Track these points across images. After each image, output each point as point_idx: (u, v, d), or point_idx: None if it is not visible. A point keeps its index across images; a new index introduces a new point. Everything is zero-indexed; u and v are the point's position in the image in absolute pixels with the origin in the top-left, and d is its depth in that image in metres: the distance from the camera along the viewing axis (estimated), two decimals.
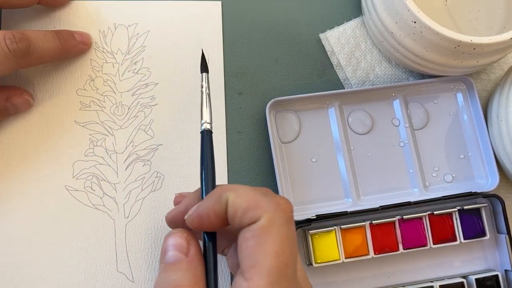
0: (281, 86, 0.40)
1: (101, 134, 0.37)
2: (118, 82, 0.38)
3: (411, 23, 0.34)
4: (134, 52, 0.38)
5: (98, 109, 0.37)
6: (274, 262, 0.23)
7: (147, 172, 0.37)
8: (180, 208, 0.29)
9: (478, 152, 0.39)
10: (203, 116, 0.31)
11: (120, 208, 0.36)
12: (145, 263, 0.35)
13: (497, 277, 0.37)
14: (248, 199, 0.25)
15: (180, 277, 0.25)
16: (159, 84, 0.38)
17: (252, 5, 0.41)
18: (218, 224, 0.26)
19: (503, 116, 0.36)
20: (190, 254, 0.26)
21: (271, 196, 0.26)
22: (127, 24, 0.39)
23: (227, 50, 0.40)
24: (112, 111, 0.37)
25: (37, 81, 0.37)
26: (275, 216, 0.24)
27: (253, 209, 0.24)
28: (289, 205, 0.26)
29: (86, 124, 0.37)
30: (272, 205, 0.25)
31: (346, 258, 0.35)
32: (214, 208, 0.25)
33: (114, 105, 0.37)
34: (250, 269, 0.23)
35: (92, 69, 0.38)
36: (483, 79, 0.42)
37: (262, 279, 0.23)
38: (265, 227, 0.24)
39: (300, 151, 0.38)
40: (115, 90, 0.38)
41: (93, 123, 0.37)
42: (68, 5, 0.38)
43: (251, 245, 0.24)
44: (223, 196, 0.25)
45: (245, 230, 0.25)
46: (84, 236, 0.35)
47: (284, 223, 0.25)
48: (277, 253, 0.24)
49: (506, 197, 0.39)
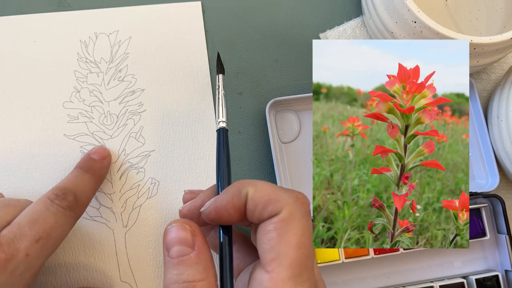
0: (281, 86, 0.40)
1: (92, 145, 0.37)
2: (104, 91, 0.38)
3: (411, 23, 0.34)
4: (118, 60, 0.38)
5: (87, 120, 0.37)
6: (296, 254, 0.24)
7: (141, 179, 0.37)
8: (195, 202, 0.29)
9: (478, 152, 0.39)
10: (219, 115, 0.31)
11: (117, 218, 0.36)
12: (148, 270, 0.35)
13: (497, 277, 0.37)
14: (268, 192, 0.25)
15: (192, 272, 0.24)
16: (145, 90, 0.38)
17: (252, 5, 0.41)
18: (236, 217, 0.26)
19: (503, 116, 0.36)
20: (197, 246, 0.25)
21: (289, 190, 0.26)
22: (108, 32, 0.39)
23: (227, 50, 0.40)
24: (101, 121, 0.37)
25: (23, 96, 0.37)
26: (295, 209, 0.25)
27: (274, 203, 0.25)
28: (307, 199, 0.26)
29: (76, 136, 0.37)
30: (291, 199, 0.25)
31: (346, 258, 0.35)
32: (233, 201, 0.26)
33: (103, 115, 0.37)
34: (271, 261, 0.24)
35: (77, 80, 0.37)
36: (483, 79, 0.42)
37: (285, 271, 0.23)
38: (286, 219, 0.24)
39: (300, 151, 0.38)
40: (102, 99, 0.37)
41: (83, 135, 0.37)
42: (47, 17, 0.38)
43: (273, 237, 0.24)
44: (242, 190, 0.26)
45: (265, 223, 0.25)
46: (84, 248, 0.35)
47: (303, 216, 0.25)
48: (299, 245, 0.24)
49: (506, 197, 0.39)
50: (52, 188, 0.30)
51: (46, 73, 0.37)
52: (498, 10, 0.40)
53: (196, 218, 0.28)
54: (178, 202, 0.36)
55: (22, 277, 0.27)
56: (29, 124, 0.36)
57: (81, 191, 0.31)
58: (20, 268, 0.27)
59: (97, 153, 0.35)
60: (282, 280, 0.23)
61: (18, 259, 0.26)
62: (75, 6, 0.39)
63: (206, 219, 0.27)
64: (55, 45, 0.38)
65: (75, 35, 0.38)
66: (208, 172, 0.37)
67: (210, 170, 0.37)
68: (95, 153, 0.35)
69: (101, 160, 0.35)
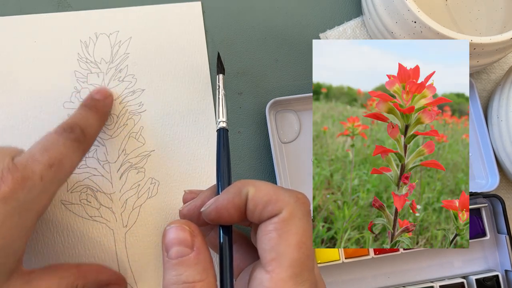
0: (281, 86, 0.40)
1: (92, 146, 0.36)
2: None
3: (411, 23, 0.34)
4: (118, 60, 0.38)
5: None
6: (296, 254, 0.24)
7: (141, 179, 0.37)
8: (196, 202, 0.29)
9: (478, 152, 0.39)
10: (219, 115, 0.31)
11: (117, 218, 0.36)
12: (148, 270, 0.35)
13: (497, 277, 0.37)
14: (268, 193, 0.25)
15: (191, 272, 0.25)
16: (146, 90, 0.38)
17: (252, 5, 0.41)
18: (236, 217, 0.26)
19: (503, 116, 0.36)
20: (196, 246, 0.26)
21: (290, 190, 0.26)
22: (109, 33, 0.39)
23: (227, 50, 0.40)
24: None
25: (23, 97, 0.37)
26: (295, 209, 0.25)
27: (274, 203, 0.25)
28: (307, 199, 0.26)
29: None
30: (292, 199, 0.25)
31: (346, 259, 0.35)
32: (234, 201, 0.26)
33: None
34: (272, 261, 0.24)
35: (77, 80, 0.37)
36: (483, 79, 0.42)
37: (285, 271, 0.23)
38: (287, 219, 0.24)
39: (300, 151, 0.38)
40: None
41: None
42: (47, 17, 0.38)
43: (273, 237, 0.24)
44: (243, 190, 0.26)
45: (266, 223, 0.25)
46: (84, 249, 0.35)
47: (304, 216, 0.25)
48: (299, 245, 0.24)
49: (506, 197, 0.39)
50: (59, 124, 0.31)
51: (46, 73, 0.37)
52: (498, 10, 0.40)
53: (196, 218, 0.28)
54: (178, 202, 0.36)
55: (38, 199, 0.27)
56: (30, 124, 0.36)
57: (87, 126, 0.32)
58: (36, 189, 0.27)
59: (99, 93, 0.36)
60: (282, 280, 0.23)
61: (34, 180, 0.27)
62: (75, 6, 0.39)
63: (206, 219, 0.27)
64: (55, 45, 0.38)
65: (75, 35, 0.38)
66: (208, 172, 0.37)
67: (210, 170, 0.37)
68: (98, 93, 0.36)
69: (104, 99, 0.36)
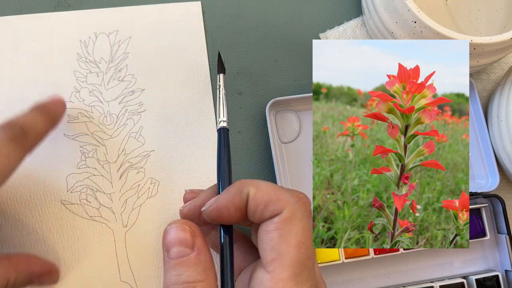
0: (281, 86, 0.40)
1: (92, 145, 0.36)
2: (104, 91, 0.38)
3: (411, 23, 0.34)
4: (118, 60, 0.38)
5: (87, 120, 0.37)
6: (297, 254, 0.24)
7: (141, 179, 0.36)
8: (196, 202, 0.29)
9: (478, 152, 0.39)
10: (219, 115, 0.31)
11: (117, 218, 0.36)
12: (148, 270, 0.35)
13: (497, 278, 0.37)
14: (269, 192, 0.25)
15: (192, 272, 0.25)
16: (145, 90, 0.38)
17: (252, 5, 0.41)
18: (237, 217, 0.26)
19: (503, 116, 0.36)
20: (197, 246, 0.26)
21: (291, 190, 0.26)
22: (108, 32, 0.39)
23: (227, 50, 0.40)
24: (100, 121, 0.37)
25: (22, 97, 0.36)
26: (296, 209, 0.25)
27: (275, 203, 0.25)
28: (308, 199, 0.26)
29: (76, 136, 0.36)
30: (293, 199, 0.25)
31: (346, 259, 0.35)
32: (234, 201, 0.26)
33: (102, 115, 0.37)
34: (272, 261, 0.24)
35: (77, 80, 0.37)
36: (483, 79, 0.42)
37: (285, 271, 0.23)
38: (287, 219, 0.24)
39: (300, 151, 0.38)
40: (101, 99, 0.37)
41: (83, 134, 0.37)
42: (47, 17, 0.38)
43: (274, 237, 0.24)
44: (243, 190, 0.26)
45: (266, 223, 0.25)
46: (84, 248, 0.35)
47: (304, 216, 0.25)
48: (300, 245, 0.24)
49: (506, 197, 0.39)
50: None
51: (46, 73, 0.37)
52: (498, 10, 0.40)
53: (196, 218, 0.28)
54: (178, 202, 0.36)
55: None
56: None
57: (29, 126, 0.31)
58: None
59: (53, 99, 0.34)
60: (283, 280, 0.23)
61: None
62: (75, 6, 0.39)
63: (207, 218, 0.27)
64: (55, 45, 0.38)
65: (75, 35, 0.38)
66: (208, 172, 0.37)
67: (210, 170, 0.37)
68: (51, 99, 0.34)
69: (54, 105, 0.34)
